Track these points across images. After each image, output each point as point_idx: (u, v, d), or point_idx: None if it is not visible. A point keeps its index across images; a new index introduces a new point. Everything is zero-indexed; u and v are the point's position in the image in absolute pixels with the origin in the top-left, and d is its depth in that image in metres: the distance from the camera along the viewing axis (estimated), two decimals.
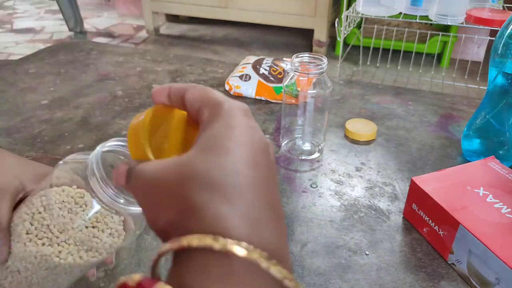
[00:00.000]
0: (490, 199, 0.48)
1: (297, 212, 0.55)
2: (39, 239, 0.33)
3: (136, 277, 0.17)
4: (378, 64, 1.99)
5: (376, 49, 1.98)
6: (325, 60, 0.62)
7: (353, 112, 0.81)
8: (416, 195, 0.51)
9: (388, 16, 1.48)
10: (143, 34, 2.97)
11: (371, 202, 0.57)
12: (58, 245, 0.33)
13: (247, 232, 0.18)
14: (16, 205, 0.36)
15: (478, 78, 1.81)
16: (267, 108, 0.82)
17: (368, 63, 1.97)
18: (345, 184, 0.61)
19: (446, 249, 0.47)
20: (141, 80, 0.93)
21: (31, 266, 0.33)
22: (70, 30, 2.84)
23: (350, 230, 0.52)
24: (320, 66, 0.61)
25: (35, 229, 0.33)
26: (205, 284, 0.17)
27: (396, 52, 1.97)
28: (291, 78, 0.63)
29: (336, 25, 1.62)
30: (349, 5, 1.77)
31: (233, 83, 0.85)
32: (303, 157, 0.66)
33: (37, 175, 0.38)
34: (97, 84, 0.92)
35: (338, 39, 1.62)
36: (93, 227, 0.34)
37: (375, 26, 1.82)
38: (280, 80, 0.84)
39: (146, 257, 0.48)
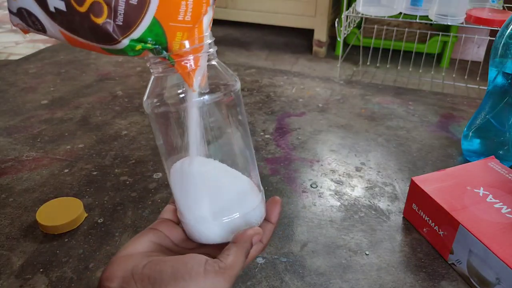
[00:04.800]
0: (490, 199, 0.48)
1: (297, 212, 0.55)
2: None
3: None
4: (378, 64, 1.99)
5: (376, 49, 1.98)
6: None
7: (353, 112, 0.81)
8: (416, 195, 0.51)
9: (388, 16, 1.48)
10: None
11: (371, 202, 0.57)
12: None
13: None
14: None
15: (478, 78, 1.81)
16: (267, 108, 0.82)
17: (368, 63, 1.97)
18: (345, 184, 0.61)
19: (446, 249, 0.47)
20: (141, 80, 0.93)
21: None
22: None
23: (350, 230, 0.52)
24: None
25: None
26: None
27: (396, 52, 1.97)
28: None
29: (336, 25, 1.62)
30: (349, 5, 1.77)
31: None
32: None
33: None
34: (97, 84, 0.92)
35: (338, 39, 1.62)
36: None
37: (375, 26, 1.82)
38: None
39: None
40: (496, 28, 1.32)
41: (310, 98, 0.87)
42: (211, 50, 0.27)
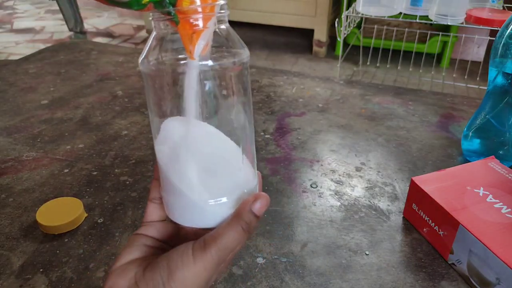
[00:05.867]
0: (490, 199, 0.48)
1: (297, 212, 0.55)
2: None
3: None
4: (378, 64, 2.00)
5: (376, 49, 1.98)
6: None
7: (353, 112, 0.81)
8: (416, 195, 0.51)
9: (388, 16, 1.48)
10: (143, 34, 2.98)
11: (371, 202, 0.57)
12: None
13: None
14: None
15: (478, 78, 1.82)
16: (267, 108, 0.82)
17: (368, 63, 1.97)
18: (345, 184, 0.61)
19: (446, 249, 0.47)
20: (141, 80, 0.93)
21: None
22: (70, 30, 2.84)
23: (350, 230, 0.52)
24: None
25: None
26: None
27: (396, 52, 1.97)
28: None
29: (336, 25, 1.62)
30: (349, 5, 1.77)
31: None
32: None
33: None
34: (97, 84, 0.92)
35: (338, 39, 1.63)
36: None
37: (375, 26, 1.82)
38: None
39: None
40: (496, 28, 1.32)
41: (310, 98, 0.87)
42: (222, 11, 0.25)
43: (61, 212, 0.53)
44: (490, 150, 0.62)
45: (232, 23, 0.27)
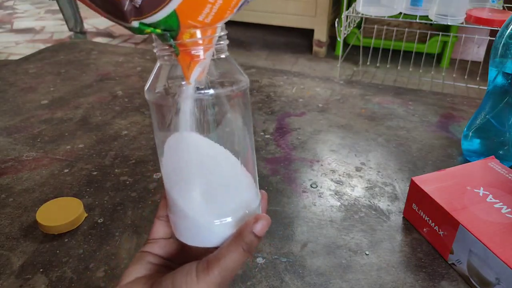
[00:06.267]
0: (490, 199, 0.48)
1: (297, 212, 0.55)
2: None
3: None
4: (378, 64, 2.00)
5: (376, 49, 1.98)
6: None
7: (353, 112, 0.81)
8: (416, 195, 0.51)
9: (388, 16, 1.48)
10: None
11: (371, 202, 0.57)
12: None
13: None
14: None
15: (478, 78, 1.82)
16: (267, 108, 0.82)
17: (368, 63, 1.97)
18: (345, 184, 0.61)
19: (446, 249, 0.47)
20: (141, 80, 0.93)
21: None
22: (70, 30, 2.84)
23: (350, 230, 0.52)
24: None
25: None
26: None
27: (396, 52, 1.98)
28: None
29: (336, 25, 1.62)
30: (349, 5, 1.77)
31: None
32: None
33: None
34: (97, 84, 0.92)
35: (338, 39, 1.63)
36: None
37: (375, 26, 1.83)
38: None
39: None
40: (496, 28, 1.33)
41: (310, 98, 0.87)
42: (222, 42, 0.27)
43: (61, 212, 0.53)
44: (490, 150, 0.62)
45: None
